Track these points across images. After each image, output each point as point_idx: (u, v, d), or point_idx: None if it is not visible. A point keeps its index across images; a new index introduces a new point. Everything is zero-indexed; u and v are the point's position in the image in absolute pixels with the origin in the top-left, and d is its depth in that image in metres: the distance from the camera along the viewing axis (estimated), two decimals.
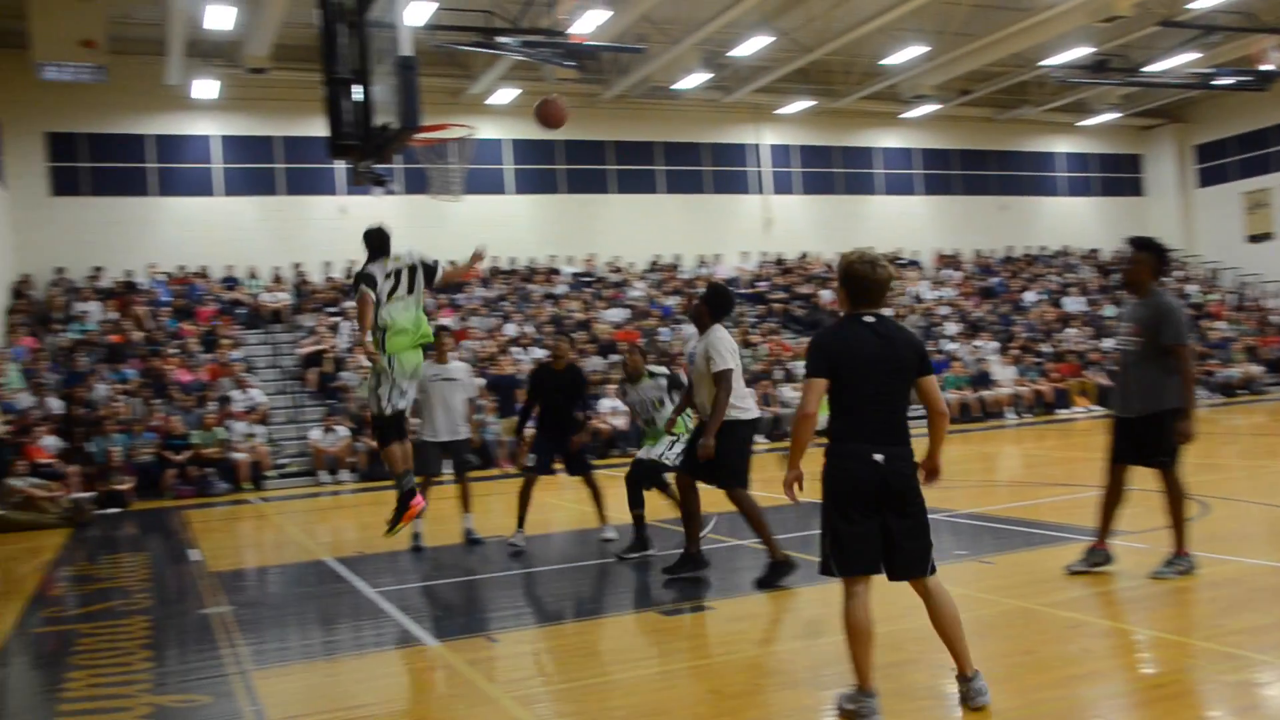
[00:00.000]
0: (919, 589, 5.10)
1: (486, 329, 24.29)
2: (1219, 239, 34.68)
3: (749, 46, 24.67)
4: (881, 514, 4.93)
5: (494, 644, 6.87)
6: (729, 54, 25.59)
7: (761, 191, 31.16)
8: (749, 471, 8.05)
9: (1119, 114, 33.81)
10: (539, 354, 21.89)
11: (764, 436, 21.28)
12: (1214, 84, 27.16)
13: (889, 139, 32.77)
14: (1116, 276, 32.66)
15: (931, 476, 5.15)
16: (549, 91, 12.65)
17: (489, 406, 20.29)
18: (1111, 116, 33.78)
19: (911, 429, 5.03)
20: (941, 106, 30.69)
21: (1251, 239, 33.92)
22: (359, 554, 9.70)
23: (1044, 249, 34.40)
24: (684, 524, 8.38)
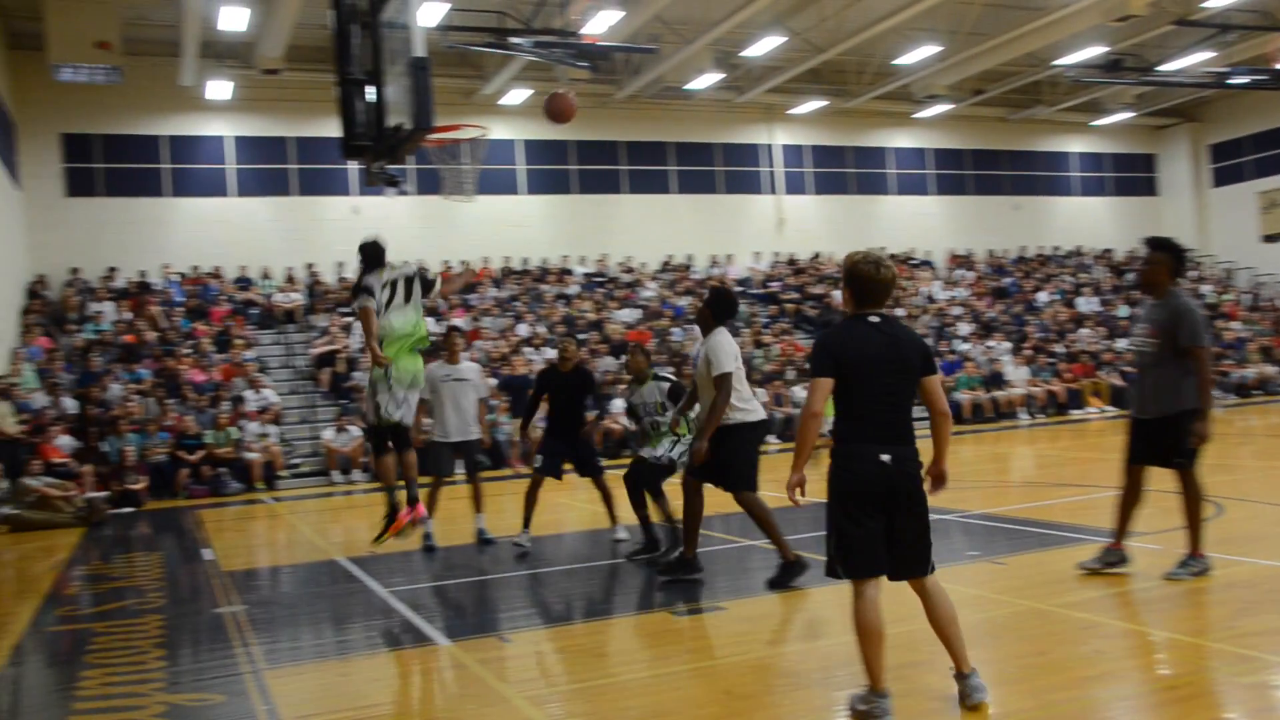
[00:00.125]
0: (917, 588, 5.09)
1: (499, 329, 24.31)
2: (1234, 239, 34.52)
3: (761, 46, 24.65)
4: (888, 514, 4.93)
5: (506, 644, 6.87)
6: (741, 54, 25.57)
7: (774, 192, 31.13)
8: (757, 474, 8.03)
9: (1133, 113, 33.68)
10: (552, 354, 21.89)
11: (776, 437, 21.27)
12: (1229, 83, 27.00)
13: (902, 139, 32.70)
14: (1130, 277, 32.56)
15: (938, 484, 5.14)
16: (560, 90, 12.63)
17: (501, 407, 20.31)
18: (1125, 116, 33.65)
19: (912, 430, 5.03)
20: (954, 106, 30.62)
21: (1266, 239, 33.67)
22: (371, 554, 9.71)
23: (1057, 249, 34.29)
24: (684, 528, 8.33)
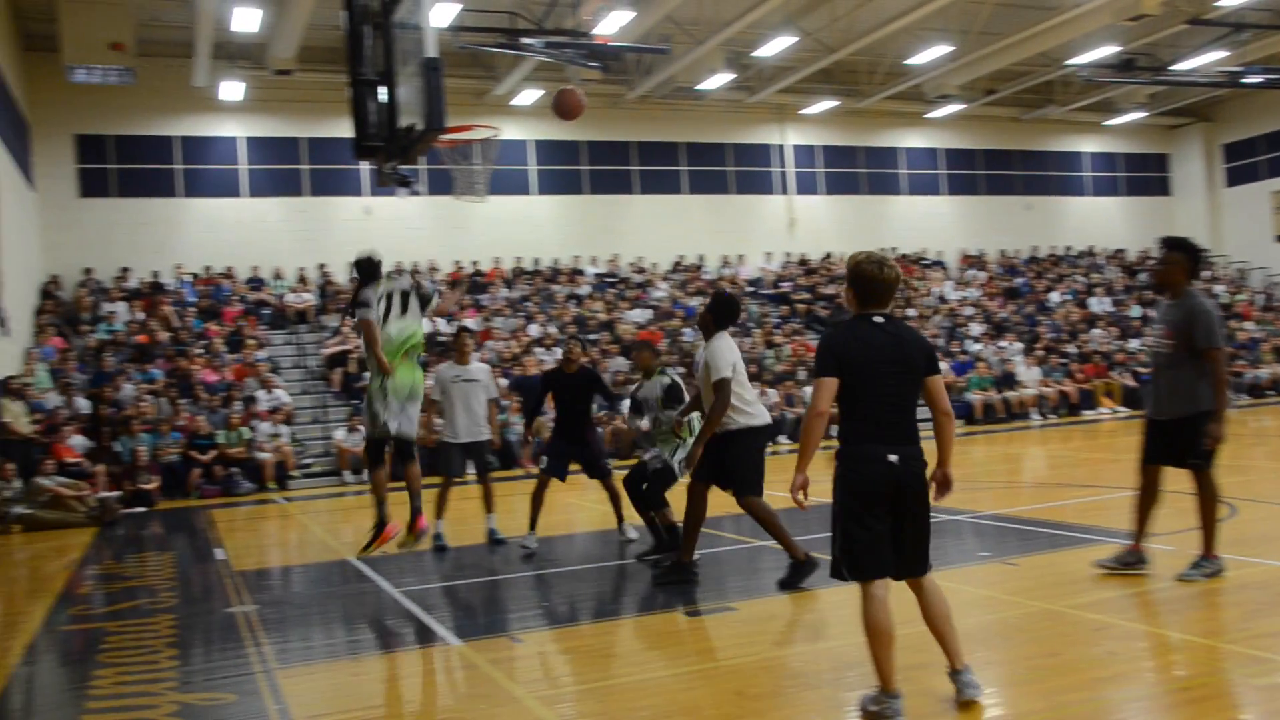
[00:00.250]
0: (913, 585, 5.10)
1: (510, 330, 24.33)
2: (1247, 239, 34.40)
3: (773, 47, 24.61)
4: (894, 515, 4.93)
5: (517, 644, 6.88)
6: (753, 54, 25.55)
7: (785, 192, 31.10)
8: (762, 479, 8.02)
9: (1146, 113, 33.56)
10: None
11: (787, 437, 21.26)
12: (1242, 82, 26.91)
13: (913, 139, 32.64)
14: (1143, 277, 32.47)
15: (943, 489, 5.12)
16: (568, 86, 12.63)
17: (512, 407, 20.32)
18: (1138, 116, 33.52)
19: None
20: (966, 106, 30.55)
21: None
22: (382, 554, 9.72)
23: (1069, 249, 34.20)
24: (684, 532, 8.32)
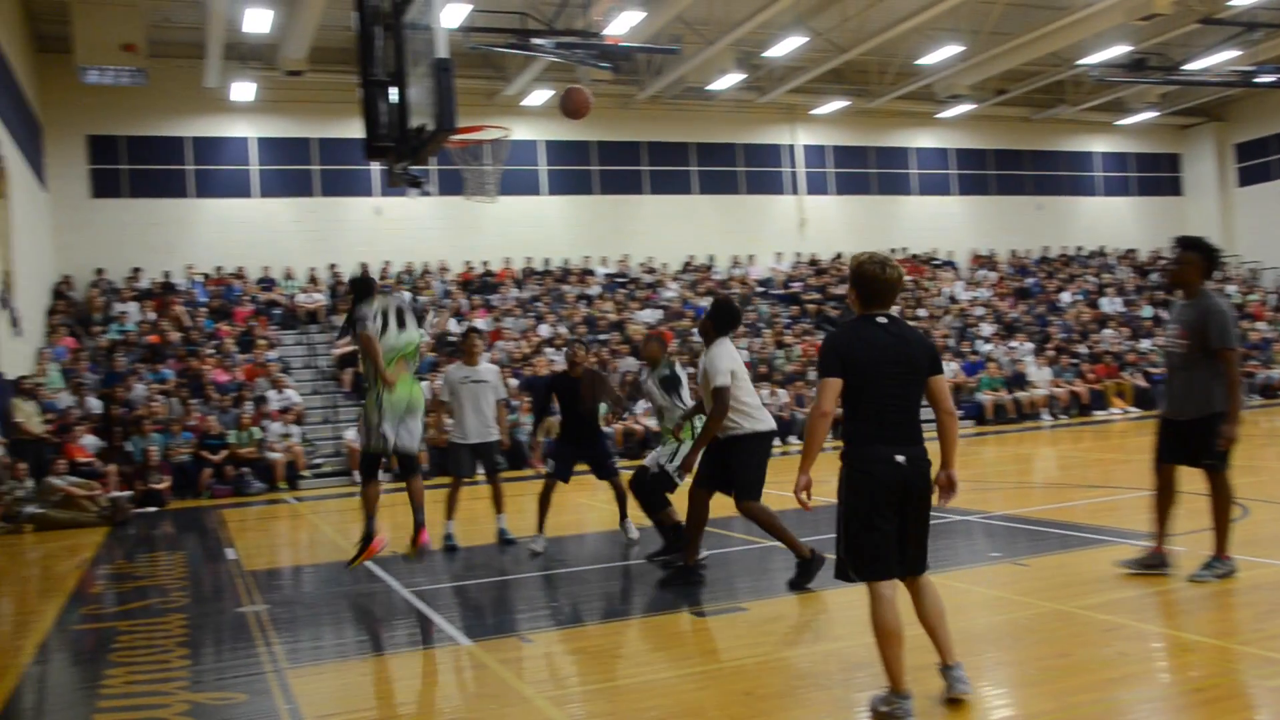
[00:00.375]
0: (910, 583, 5.10)
1: (520, 330, 24.35)
2: (1260, 238, 34.28)
3: (783, 47, 24.60)
4: (900, 515, 4.94)
5: (527, 644, 6.88)
6: (763, 54, 25.54)
7: (796, 192, 31.07)
8: (763, 484, 8.02)
9: (1157, 113, 33.47)
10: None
11: (797, 437, 21.23)
12: (1255, 82, 26.82)
13: (924, 139, 32.59)
14: (1155, 277, 32.38)
15: (948, 491, 5.11)
16: (576, 85, 12.65)
17: (523, 407, 20.33)
18: (1150, 115, 33.43)
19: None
20: (977, 106, 30.48)
21: None
22: (392, 554, 9.73)
23: (1080, 249, 34.12)
24: (687, 535, 8.32)
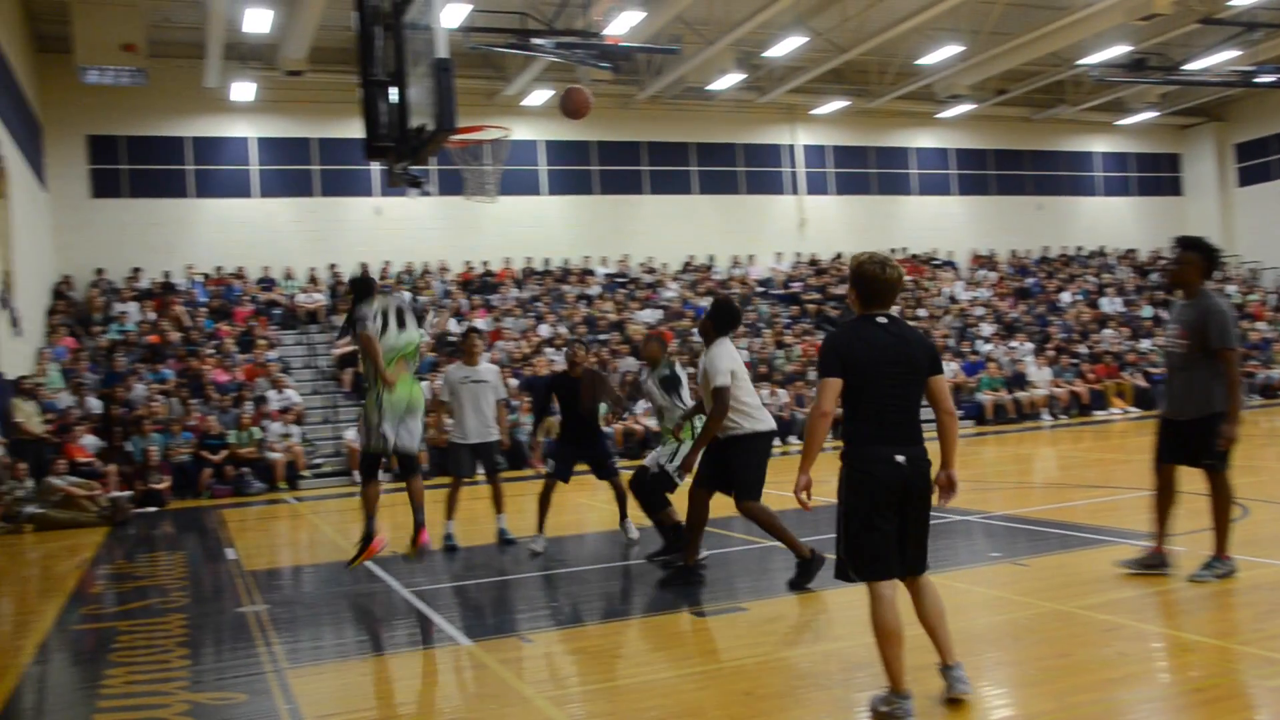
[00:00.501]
0: (909, 583, 5.10)
1: (520, 330, 24.35)
2: (1260, 238, 34.28)
3: (783, 47, 24.61)
4: (901, 515, 4.94)
5: (527, 644, 6.88)
6: (763, 54, 25.54)
7: (796, 192, 31.08)
8: (763, 484, 8.02)
9: (1157, 113, 33.47)
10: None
11: (797, 437, 21.22)
12: (1254, 82, 26.83)
13: (924, 139, 32.59)
14: (1155, 277, 32.38)
15: (948, 491, 5.11)
16: (575, 85, 12.65)
17: (523, 407, 20.33)
18: (1150, 115, 33.44)
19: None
20: (977, 106, 30.49)
21: None
22: (392, 553, 9.73)
23: (1080, 249, 34.12)
24: (687, 536, 8.33)
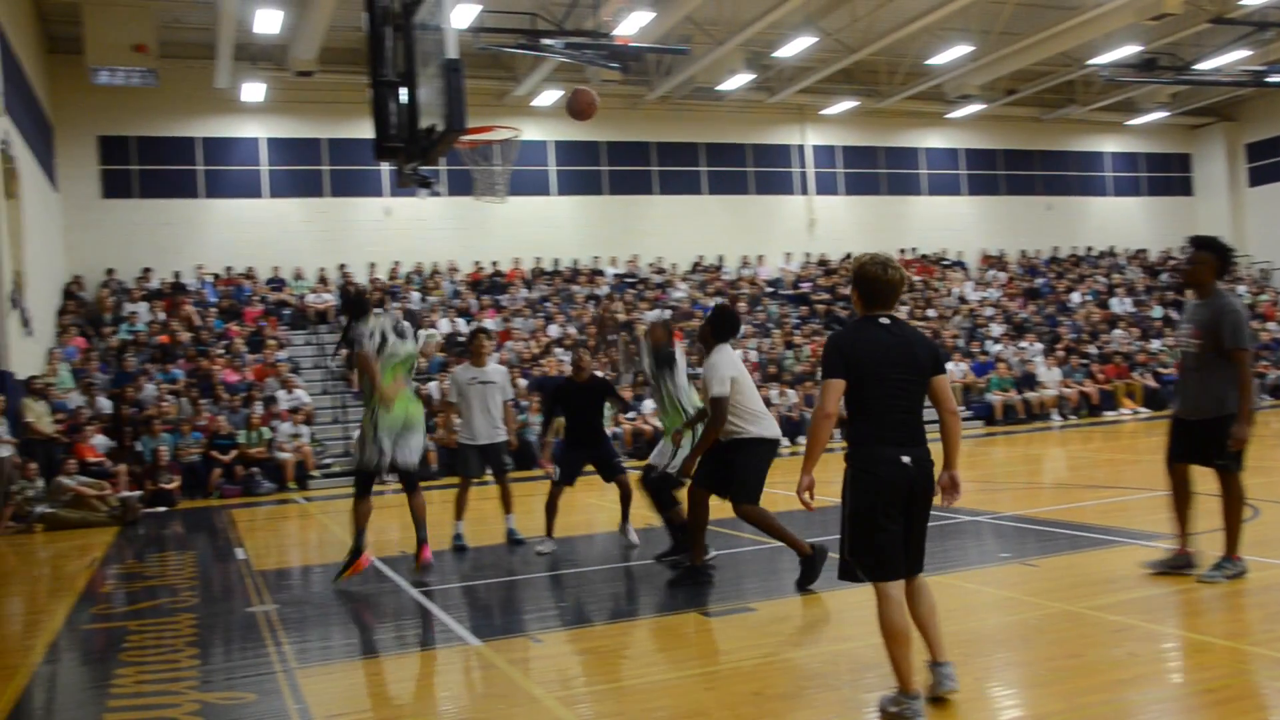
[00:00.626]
0: (905, 582, 5.08)
1: (529, 330, 24.36)
2: (1270, 239, 34.17)
3: (793, 47, 24.58)
4: (906, 515, 4.94)
5: (536, 644, 6.88)
6: (773, 54, 25.51)
7: (805, 192, 31.05)
8: (761, 489, 8.01)
9: (1168, 113, 33.39)
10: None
11: (805, 438, 21.18)
12: (1266, 81, 26.76)
13: (934, 139, 32.55)
14: (1165, 277, 32.30)
15: (950, 493, 5.10)
16: (581, 86, 12.66)
17: (532, 407, 20.34)
18: (1160, 115, 33.36)
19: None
20: (987, 106, 30.45)
21: None
22: (402, 553, 9.74)
23: (1090, 250, 34.03)
24: (690, 537, 8.33)
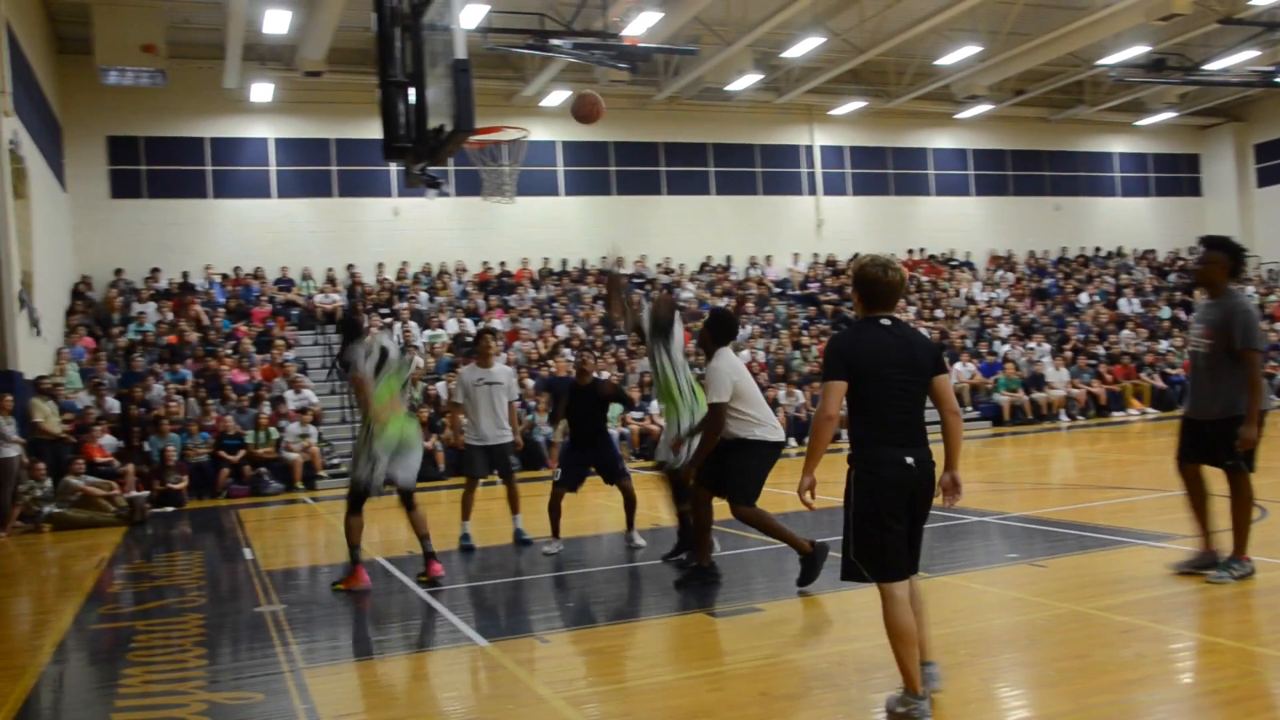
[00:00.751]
0: None
1: (537, 331, 24.37)
2: (1279, 240, 34.09)
3: (801, 48, 24.58)
4: (910, 516, 4.95)
5: (543, 644, 6.89)
6: (781, 55, 25.52)
7: (813, 193, 31.03)
8: (759, 492, 7.99)
9: (1176, 113, 33.33)
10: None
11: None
12: (1275, 82, 26.71)
13: (942, 139, 32.51)
14: (1174, 278, 32.23)
15: (951, 493, 5.09)
16: (586, 91, 12.64)
17: (540, 407, 20.35)
18: (1169, 116, 33.29)
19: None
20: (995, 107, 30.41)
21: None
22: (409, 553, 9.75)
23: (1099, 250, 33.98)
24: (695, 538, 8.34)
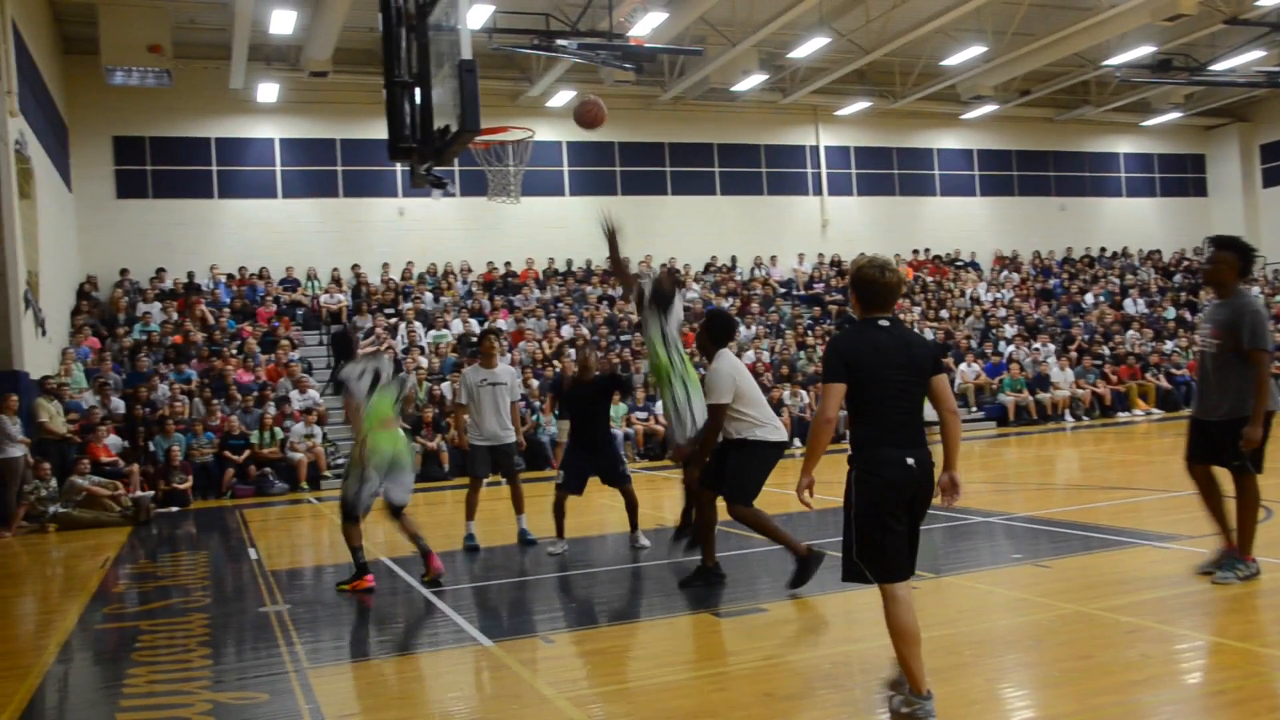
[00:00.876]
0: None
1: (542, 331, 24.38)
2: None
3: (807, 48, 24.56)
4: (910, 517, 4.95)
5: (547, 644, 6.89)
6: (787, 55, 25.51)
7: (818, 193, 31.01)
8: (757, 492, 7.99)
9: (1182, 113, 33.27)
10: (597, 355, 21.87)
11: None
12: None
13: (947, 140, 32.48)
14: (1179, 278, 32.19)
15: (950, 493, 5.09)
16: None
17: (544, 408, 20.36)
18: (1174, 116, 33.25)
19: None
20: (1000, 107, 30.39)
21: None
22: (414, 553, 9.75)
23: (1104, 251, 33.93)
24: (700, 538, 8.34)
